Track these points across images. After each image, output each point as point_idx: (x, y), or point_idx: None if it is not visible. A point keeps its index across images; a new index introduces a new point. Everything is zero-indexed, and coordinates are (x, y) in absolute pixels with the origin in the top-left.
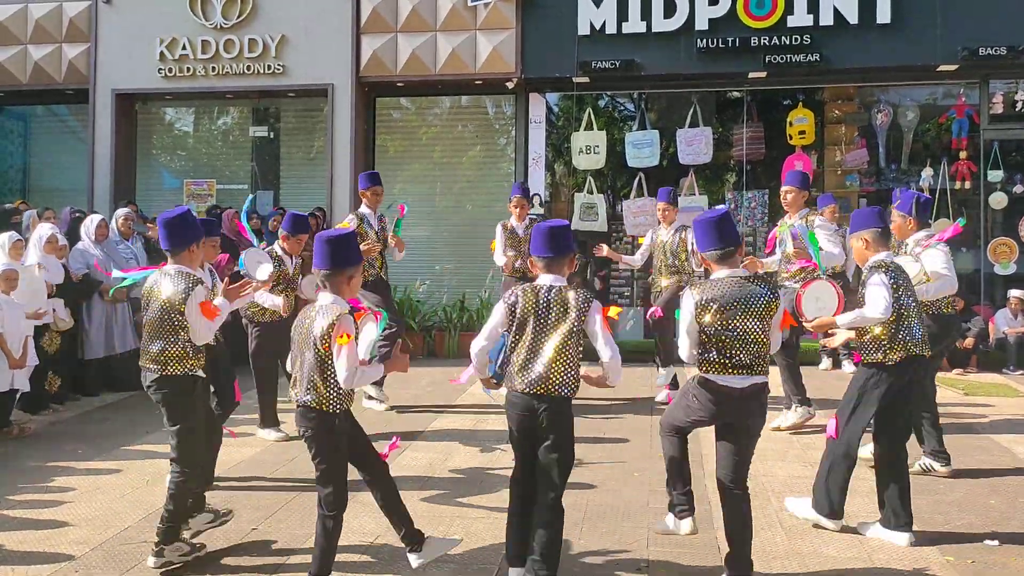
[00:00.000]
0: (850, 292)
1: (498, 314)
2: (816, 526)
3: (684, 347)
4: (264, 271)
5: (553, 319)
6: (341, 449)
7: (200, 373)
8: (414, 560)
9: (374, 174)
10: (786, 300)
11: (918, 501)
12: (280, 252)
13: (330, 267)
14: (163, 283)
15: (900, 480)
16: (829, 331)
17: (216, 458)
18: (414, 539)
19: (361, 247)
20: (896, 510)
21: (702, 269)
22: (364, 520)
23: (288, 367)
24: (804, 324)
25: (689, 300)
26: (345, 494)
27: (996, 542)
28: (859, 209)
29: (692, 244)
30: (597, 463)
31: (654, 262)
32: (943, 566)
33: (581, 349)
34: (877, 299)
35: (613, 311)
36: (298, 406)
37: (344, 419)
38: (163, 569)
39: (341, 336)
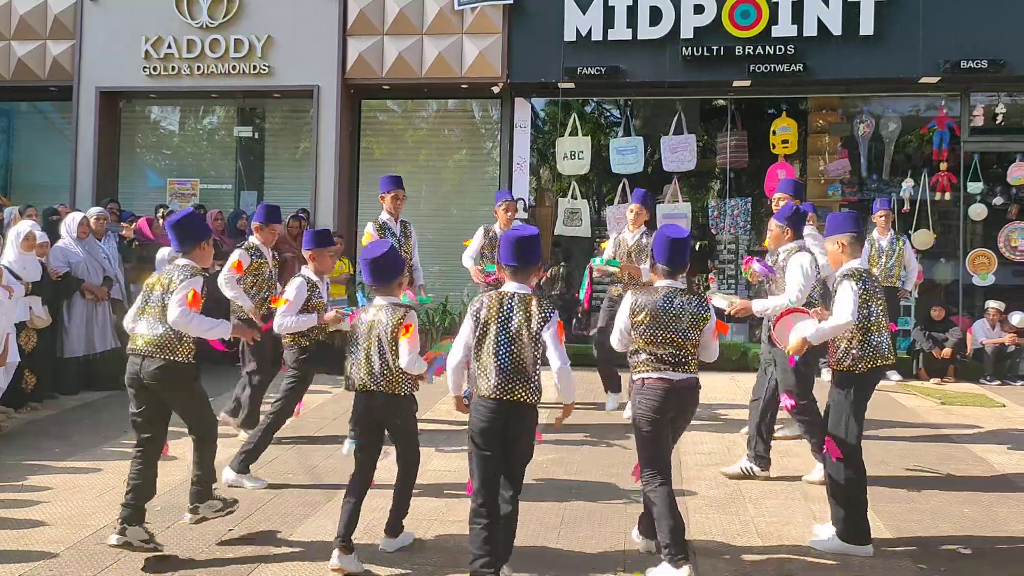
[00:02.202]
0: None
1: (467, 325)
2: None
3: (615, 339)
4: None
5: (515, 326)
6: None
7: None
8: (385, 543)
9: (396, 177)
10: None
11: (892, 508)
12: (257, 243)
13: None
14: (173, 274)
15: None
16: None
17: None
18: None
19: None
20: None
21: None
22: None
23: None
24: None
25: (627, 302)
26: None
27: (969, 550)
28: (835, 213)
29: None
30: (575, 468)
31: None
32: (916, 573)
33: (539, 357)
34: (844, 306)
35: None
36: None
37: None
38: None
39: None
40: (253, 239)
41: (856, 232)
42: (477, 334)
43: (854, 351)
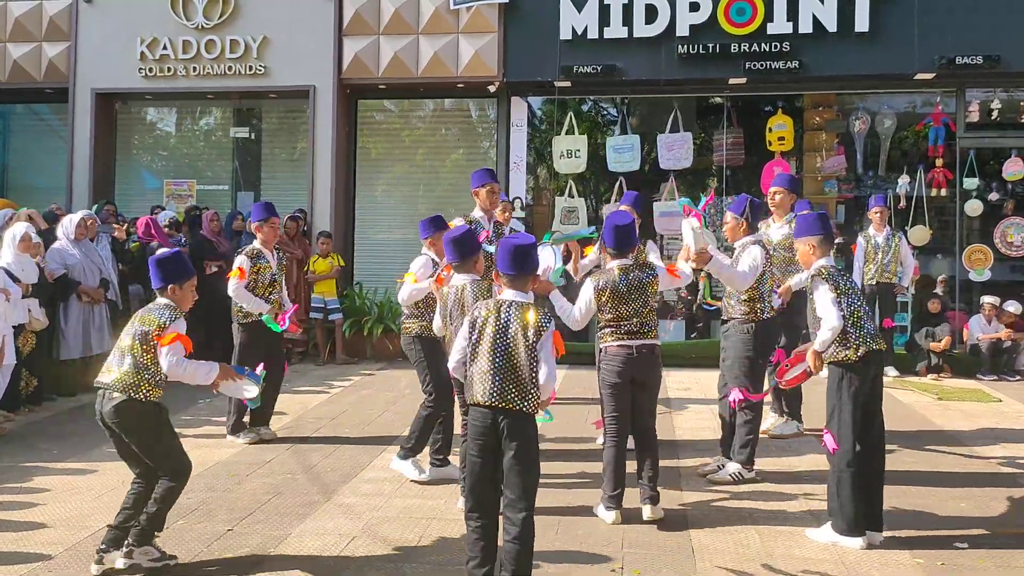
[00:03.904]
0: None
1: (464, 331)
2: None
3: (575, 317)
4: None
5: (511, 334)
6: None
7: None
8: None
9: (488, 170)
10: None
11: (889, 503)
12: (257, 246)
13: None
14: (153, 313)
15: (875, 482)
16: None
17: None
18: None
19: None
20: (861, 512)
21: None
22: (340, 521)
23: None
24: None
25: (589, 286)
26: None
27: (966, 545)
28: (804, 215)
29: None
30: (572, 468)
31: None
32: (914, 567)
33: (535, 366)
34: (828, 311)
35: None
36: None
37: None
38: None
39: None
40: (255, 243)
41: (824, 234)
42: (473, 340)
43: (839, 343)
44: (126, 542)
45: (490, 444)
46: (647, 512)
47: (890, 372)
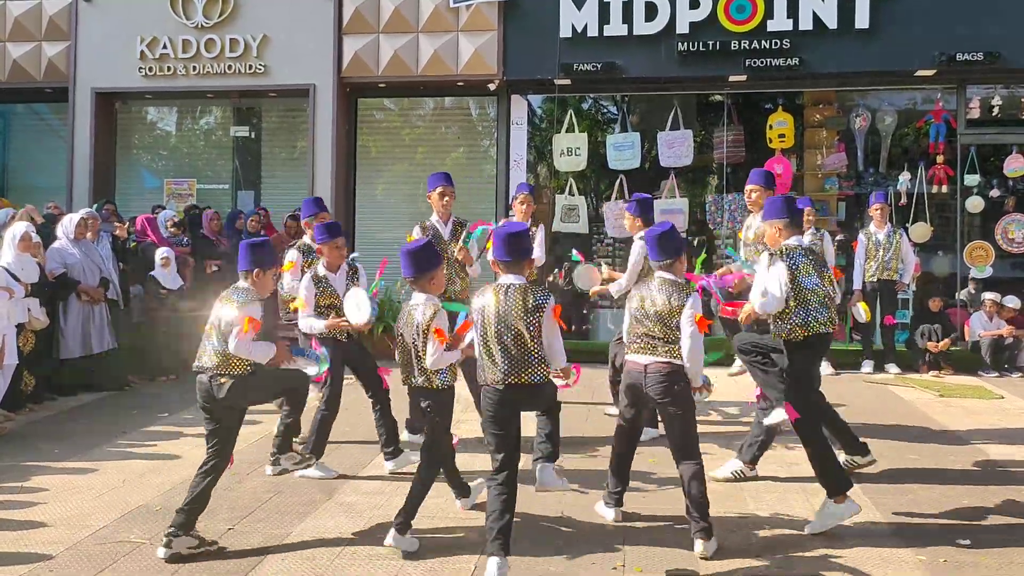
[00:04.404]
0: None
1: (473, 319)
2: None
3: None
4: (362, 315)
5: (514, 315)
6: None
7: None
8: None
9: (444, 174)
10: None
11: (891, 500)
12: (308, 242)
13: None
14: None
15: (826, 450)
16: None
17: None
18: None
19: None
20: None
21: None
22: (341, 520)
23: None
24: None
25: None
26: None
27: (968, 542)
28: (772, 198)
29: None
30: (575, 465)
31: None
32: (916, 564)
33: (540, 340)
34: (773, 289)
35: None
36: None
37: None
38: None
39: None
40: (305, 238)
41: (788, 218)
42: (481, 326)
43: (792, 320)
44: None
45: (506, 417)
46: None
47: (891, 369)
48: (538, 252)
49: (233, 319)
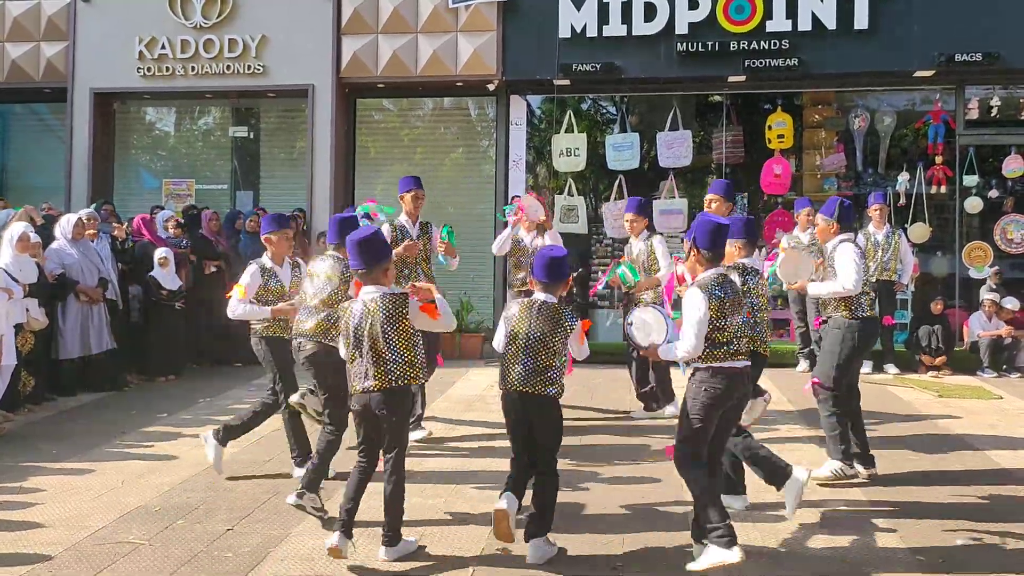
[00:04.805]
0: None
1: (501, 326)
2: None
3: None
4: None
5: (540, 332)
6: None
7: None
8: (384, 553)
9: (414, 178)
10: None
11: (889, 500)
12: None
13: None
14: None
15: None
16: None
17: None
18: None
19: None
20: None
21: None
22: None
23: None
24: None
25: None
26: None
27: (967, 542)
28: (735, 217)
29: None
30: (574, 468)
31: None
32: (915, 565)
33: (565, 358)
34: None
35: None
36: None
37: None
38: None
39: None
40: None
41: (747, 238)
42: (508, 335)
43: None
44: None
45: (520, 418)
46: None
47: (890, 370)
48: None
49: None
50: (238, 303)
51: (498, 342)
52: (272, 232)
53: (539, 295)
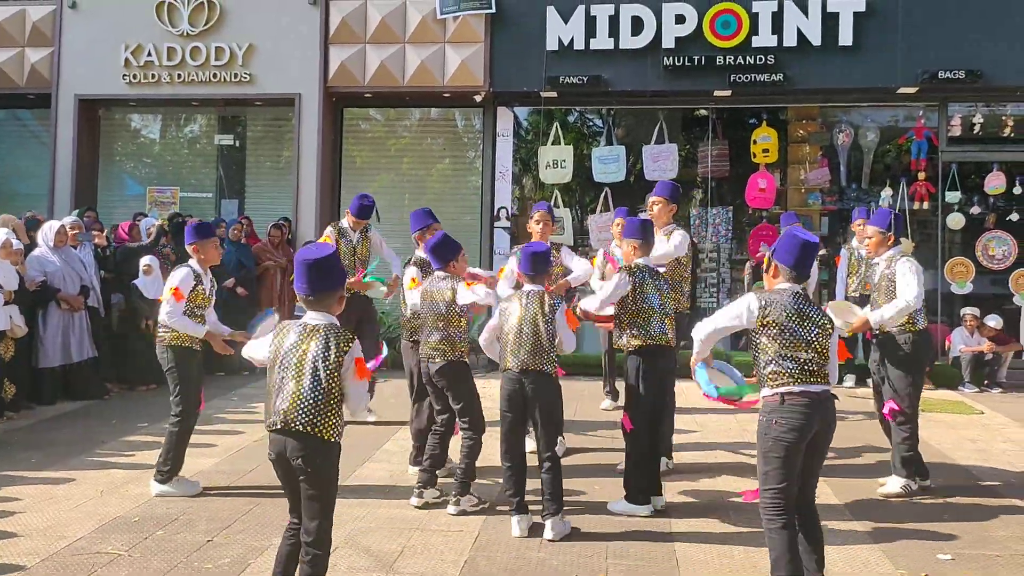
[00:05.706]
0: None
1: (495, 316)
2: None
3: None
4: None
5: (532, 315)
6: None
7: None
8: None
9: (364, 195)
10: None
11: (871, 515)
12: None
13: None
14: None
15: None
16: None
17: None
18: None
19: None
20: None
21: None
22: None
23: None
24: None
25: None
26: None
27: (948, 556)
28: (631, 219)
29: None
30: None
31: None
32: None
33: (555, 338)
34: (605, 293)
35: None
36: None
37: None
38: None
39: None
40: (418, 252)
41: (643, 239)
42: (503, 321)
43: (631, 331)
44: (453, 494)
45: (518, 402)
46: None
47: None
48: (585, 264)
49: None
50: (176, 306)
51: (483, 337)
52: (197, 242)
53: (527, 286)
